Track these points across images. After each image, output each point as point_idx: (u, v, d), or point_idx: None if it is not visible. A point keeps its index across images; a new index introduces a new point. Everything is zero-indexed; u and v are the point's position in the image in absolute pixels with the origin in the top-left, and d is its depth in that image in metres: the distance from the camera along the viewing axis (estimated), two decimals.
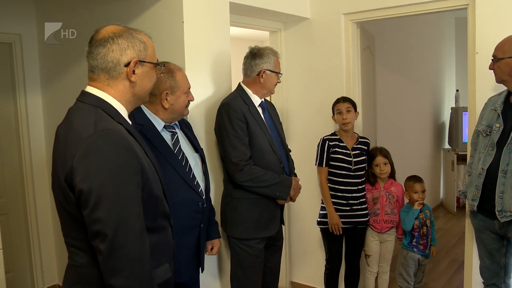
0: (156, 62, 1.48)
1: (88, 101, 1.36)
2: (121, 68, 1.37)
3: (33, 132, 3.42)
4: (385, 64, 4.57)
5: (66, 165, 1.26)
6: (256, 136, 2.43)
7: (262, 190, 2.43)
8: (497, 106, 2.36)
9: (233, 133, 2.37)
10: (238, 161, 2.36)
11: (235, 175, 2.39)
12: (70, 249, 1.38)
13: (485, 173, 2.34)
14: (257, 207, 2.47)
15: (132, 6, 2.63)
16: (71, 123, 1.32)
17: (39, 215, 3.47)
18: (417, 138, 5.59)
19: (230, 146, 2.37)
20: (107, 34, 1.36)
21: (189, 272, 2.17)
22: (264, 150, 2.47)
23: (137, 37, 1.40)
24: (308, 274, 3.58)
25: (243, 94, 2.51)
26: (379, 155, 2.99)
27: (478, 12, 2.66)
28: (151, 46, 1.45)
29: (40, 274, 3.51)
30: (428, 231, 2.96)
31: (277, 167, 2.51)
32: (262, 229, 2.50)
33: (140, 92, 1.44)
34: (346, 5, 3.21)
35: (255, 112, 2.49)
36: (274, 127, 2.63)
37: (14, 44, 3.30)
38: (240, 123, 2.38)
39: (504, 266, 2.44)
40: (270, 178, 2.42)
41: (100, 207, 1.20)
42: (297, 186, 2.57)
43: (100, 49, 1.35)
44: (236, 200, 2.47)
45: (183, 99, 2.09)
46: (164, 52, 2.32)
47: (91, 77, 1.40)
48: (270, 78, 2.52)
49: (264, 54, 2.51)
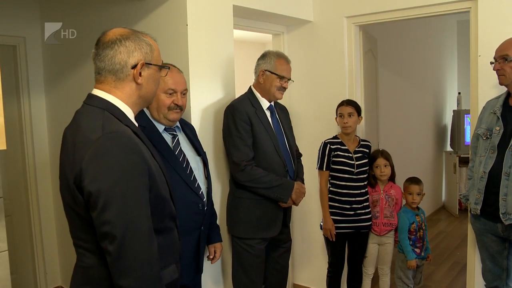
0: (161, 64, 1.49)
1: (95, 104, 1.37)
2: (128, 70, 1.38)
3: (36, 134, 3.44)
4: (387, 67, 4.58)
5: (75, 167, 1.26)
6: (260, 138, 2.47)
7: (263, 192, 2.46)
8: (496, 109, 2.36)
9: (236, 134, 2.42)
10: (239, 161, 2.41)
11: (236, 174, 2.45)
12: (78, 250, 1.39)
13: (487, 176, 2.34)
14: (258, 208, 2.51)
15: (136, 9, 2.65)
16: (79, 126, 1.33)
17: (43, 216, 3.48)
18: (419, 140, 5.59)
19: (233, 146, 2.43)
20: (114, 36, 1.37)
21: (189, 274, 2.17)
22: (268, 152, 2.50)
23: (144, 39, 1.41)
24: (311, 276, 3.58)
25: (251, 97, 2.56)
26: (380, 157, 3.00)
27: (480, 15, 2.67)
28: (157, 49, 1.47)
29: (43, 275, 3.52)
30: (424, 234, 2.99)
31: (280, 169, 2.53)
32: (263, 230, 2.53)
33: (146, 94, 1.45)
34: (348, 8, 3.22)
35: (262, 115, 2.54)
36: (282, 131, 2.66)
37: (19, 46, 3.32)
38: (244, 124, 2.42)
39: (506, 269, 2.44)
40: (271, 180, 2.45)
41: (109, 209, 1.21)
42: (300, 191, 2.57)
43: (108, 51, 1.36)
44: (238, 199, 2.53)
45: (162, 98, 2.06)
46: (168, 55, 2.33)
47: (98, 79, 1.41)
48: (269, 79, 2.54)
49: (267, 55, 2.56)
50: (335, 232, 2.89)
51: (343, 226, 2.91)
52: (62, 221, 3.37)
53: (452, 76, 6.53)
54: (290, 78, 2.62)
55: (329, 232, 2.90)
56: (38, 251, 3.48)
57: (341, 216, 2.91)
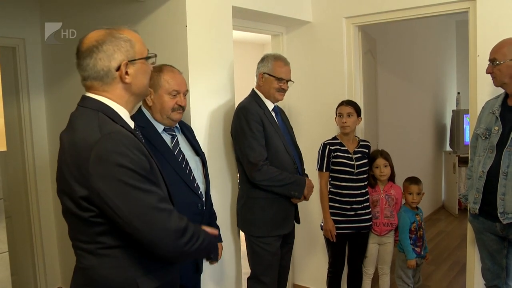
0: (146, 56, 1.44)
1: (89, 105, 1.36)
2: (113, 74, 1.36)
3: (36, 135, 3.44)
4: (386, 67, 4.59)
5: (76, 170, 1.27)
6: (271, 138, 2.53)
7: (278, 189, 2.52)
8: (495, 109, 2.38)
9: (251, 135, 2.46)
10: (257, 161, 2.45)
11: (253, 174, 2.47)
12: (77, 252, 1.39)
13: (485, 176, 2.35)
14: (272, 206, 2.56)
15: (135, 10, 2.65)
16: (74, 128, 1.33)
17: (42, 218, 3.48)
18: (418, 140, 5.60)
19: (249, 147, 2.46)
20: (90, 44, 1.34)
21: (188, 274, 2.17)
22: (279, 151, 2.56)
23: (121, 37, 1.37)
24: (311, 277, 3.59)
25: (257, 99, 2.61)
26: (379, 157, 3.01)
27: (479, 15, 2.68)
28: (138, 40, 1.41)
29: (43, 277, 3.52)
30: (423, 233, 3.01)
31: (291, 167, 2.59)
32: (278, 227, 2.59)
33: (138, 90, 1.43)
34: (347, 9, 3.23)
35: (270, 115, 2.59)
36: (287, 130, 2.73)
37: (18, 48, 3.32)
38: (257, 125, 2.47)
39: (505, 268, 2.44)
40: (286, 178, 2.51)
41: (122, 206, 1.24)
42: (310, 185, 2.65)
43: (88, 60, 1.34)
44: (253, 200, 2.56)
45: (166, 99, 2.07)
46: (167, 55, 2.33)
47: (86, 85, 1.40)
48: (268, 81, 2.59)
49: (265, 58, 2.61)
50: (335, 233, 2.90)
51: (343, 227, 2.91)
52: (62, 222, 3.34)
53: (451, 76, 6.54)
54: (289, 79, 2.64)
55: (329, 233, 2.90)
56: (38, 252, 3.48)
57: (341, 217, 2.91)
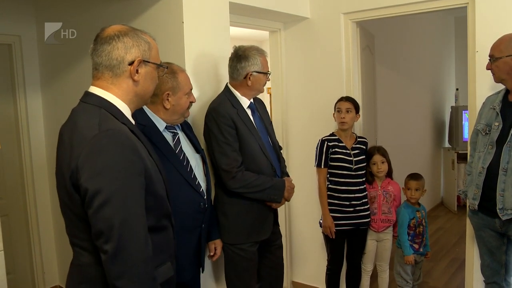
0: (159, 63, 1.49)
1: (92, 101, 1.37)
2: (125, 66, 1.38)
3: (33, 133, 3.42)
4: (385, 63, 4.57)
5: (71, 165, 1.26)
6: (246, 141, 2.36)
7: (256, 195, 2.36)
8: (495, 105, 2.37)
9: (223, 140, 2.30)
10: (230, 169, 2.29)
11: (228, 182, 2.32)
12: (74, 249, 1.39)
13: (485, 172, 2.34)
14: (249, 213, 2.40)
15: (132, 7, 2.63)
16: (75, 124, 1.33)
17: (40, 216, 3.47)
18: (417, 137, 5.60)
19: (221, 153, 2.30)
20: (112, 32, 1.38)
21: (190, 272, 2.18)
22: (255, 154, 2.40)
23: (142, 37, 1.42)
24: (310, 274, 3.59)
25: (231, 97, 2.41)
26: (376, 154, 3.01)
27: (478, 11, 2.66)
28: (155, 47, 1.47)
29: (41, 275, 3.51)
30: (423, 230, 2.99)
31: (268, 170, 2.43)
32: (255, 234, 2.43)
33: (142, 93, 1.45)
34: (345, 4, 3.21)
35: (244, 115, 2.41)
36: (264, 128, 2.56)
37: (14, 45, 3.30)
38: (229, 129, 2.31)
39: (504, 264, 2.44)
40: (263, 183, 2.35)
41: (104, 207, 1.21)
42: (290, 187, 2.50)
43: (105, 46, 1.37)
44: (227, 205, 2.40)
45: (184, 100, 2.09)
46: (164, 52, 2.28)
47: (95, 75, 1.41)
48: (258, 79, 2.42)
49: (250, 55, 2.38)
50: (334, 229, 2.89)
51: (342, 223, 2.91)
52: (59, 220, 3.34)
53: (450, 72, 6.53)
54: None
55: (328, 229, 2.89)
56: (35, 250, 3.47)
57: (340, 213, 2.91)
